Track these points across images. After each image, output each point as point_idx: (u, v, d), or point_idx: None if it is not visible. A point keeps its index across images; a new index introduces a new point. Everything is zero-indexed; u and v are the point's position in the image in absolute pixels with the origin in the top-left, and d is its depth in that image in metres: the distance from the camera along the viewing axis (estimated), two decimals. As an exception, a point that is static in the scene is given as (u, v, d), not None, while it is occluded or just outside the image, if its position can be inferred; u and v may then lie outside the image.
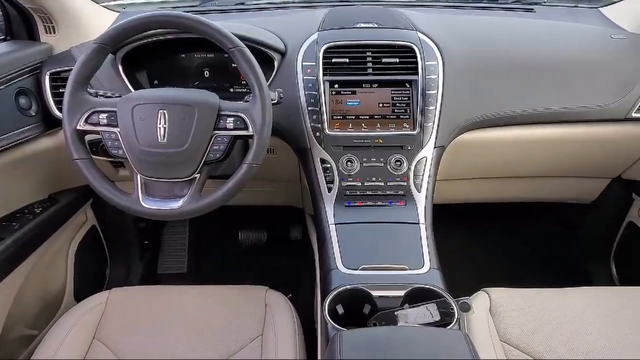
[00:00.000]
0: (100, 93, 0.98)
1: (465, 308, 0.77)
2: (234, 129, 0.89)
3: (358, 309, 0.83)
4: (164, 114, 0.88)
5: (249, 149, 0.89)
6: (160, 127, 0.88)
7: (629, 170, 1.32)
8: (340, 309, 0.82)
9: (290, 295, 1.56)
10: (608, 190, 1.43)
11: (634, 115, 1.13)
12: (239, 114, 0.89)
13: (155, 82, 1.21)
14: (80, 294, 1.40)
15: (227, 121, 0.89)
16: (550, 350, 0.89)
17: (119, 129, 0.90)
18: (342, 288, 0.83)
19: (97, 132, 0.92)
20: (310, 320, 1.09)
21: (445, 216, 1.43)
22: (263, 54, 1.10)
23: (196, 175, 0.91)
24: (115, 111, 0.90)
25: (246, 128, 0.89)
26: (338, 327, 0.75)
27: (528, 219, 1.73)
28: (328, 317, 0.77)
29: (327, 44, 1.09)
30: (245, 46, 0.88)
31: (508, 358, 0.88)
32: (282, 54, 1.12)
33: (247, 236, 1.77)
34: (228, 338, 0.95)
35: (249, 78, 0.88)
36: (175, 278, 1.73)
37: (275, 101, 0.95)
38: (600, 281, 1.54)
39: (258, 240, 1.77)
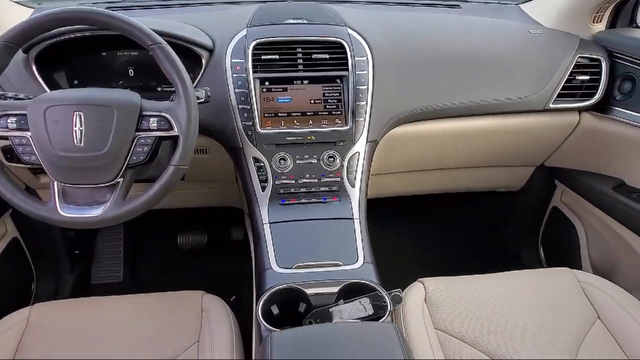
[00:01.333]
0: (10, 95, 0.91)
1: (397, 300, 0.79)
2: (158, 129, 0.85)
3: (294, 308, 0.82)
4: (79, 115, 0.83)
5: (175, 149, 0.86)
6: (76, 130, 0.83)
7: (550, 158, 1.40)
8: (275, 310, 0.81)
9: (234, 297, 1.53)
10: (533, 178, 1.51)
11: (552, 106, 1.20)
12: (163, 113, 0.85)
13: (75, 82, 1.14)
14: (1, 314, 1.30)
15: (150, 121, 0.85)
16: (481, 333, 0.92)
17: (30, 134, 0.84)
18: (276, 288, 0.82)
19: (6, 138, 0.85)
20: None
21: (381, 210, 1.46)
22: (189, 52, 1.06)
23: (119, 180, 0.86)
24: (25, 114, 0.84)
25: (171, 128, 0.85)
26: (271, 327, 0.74)
27: (461, 209, 1.79)
28: (261, 318, 0.76)
29: (256, 40, 1.07)
30: (166, 43, 0.85)
31: (443, 345, 0.91)
32: (210, 51, 1.09)
33: (187, 240, 1.72)
34: (161, 347, 0.91)
35: (171, 76, 0.84)
36: (111, 288, 1.65)
37: (203, 100, 0.92)
38: (530, 264, 1.63)
39: (198, 243, 1.72)
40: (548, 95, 1.19)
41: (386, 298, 0.79)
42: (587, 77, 1.20)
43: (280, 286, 0.82)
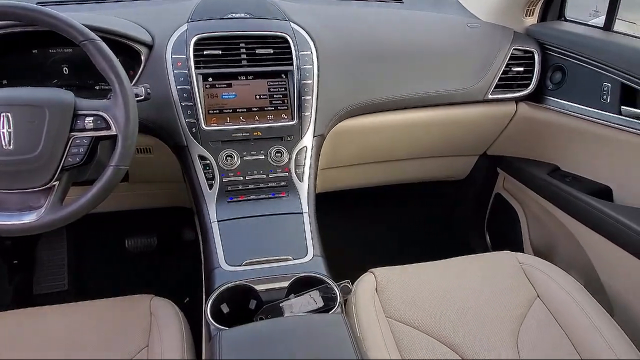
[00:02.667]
0: None
1: (346, 291, 0.80)
2: (94, 129, 0.81)
3: (244, 305, 0.81)
4: (7, 117, 0.78)
5: (115, 149, 0.83)
6: (3, 132, 0.78)
7: (491, 147, 1.46)
8: (225, 308, 0.80)
9: (187, 299, 1.50)
10: (477, 167, 1.57)
11: (490, 96, 1.25)
12: (99, 112, 0.82)
13: (5, 82, 1.08)
14: None
15: (86, 121, 0.81)
16: (430, 318, 0.95)
17: None
18: (225, 286, 0.81)
19: None
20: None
21: (331, 203, 1.47)
22: (127, 48, 1.03)
23: (54, 183, 0.82)
24: None
25: (108, 127, 0.82)
26: (220, 326, 0.73)
27: (410, 199, 1.83)
28: (209, 318, 0.75)
29: (198, 36, 1.05)
30: (98, 38, 0.81)
31: (394, 332, 0.93)
32: (149, 47, 1.06)
33: (135, 243, 1.66)
34: (109, 355, 0.88)
35: (106, 73, 0.81)
36: (56, 297, 1.57)
37: (142, 97, 0.89)
38: (478, 249, 1.70)
39: (148, 246, 1.67)
40: (486, 86, 1.24)
41: (335, 290, 0.80)
42: (522, 69, 1.25)
43: (230, 284, 0.81)
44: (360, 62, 1.18)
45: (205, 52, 1.04)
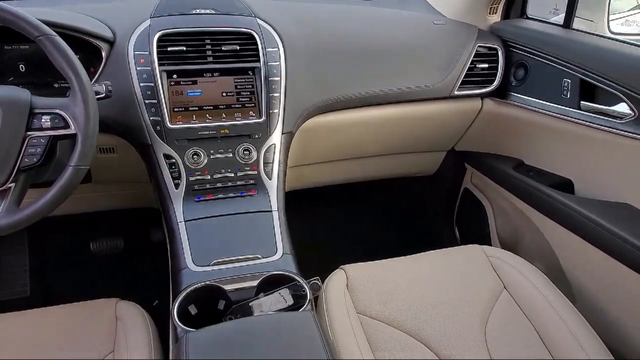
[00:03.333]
0: None
1: (316, 288, 0.79)
2: (52, 128, 0.78)
3: (213, 306, 0.80)
4: None
5: (74, 149, 0.80)
6: None
7: (459, 142, 1.49)
8: (192, 309, 0.78)
9: (157, 302, 1.47)
10: (445, 162, 1.59)
11: (457, 93, 1.27)
12: (57, 110, 0.79)
13: (-44, 80, 1.03)
14: None
15: (43, 120, 0.78)
16: (401, 313, 0.96)
17: None
18: (192, 287, 0.79)
19: None
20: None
21: (302, 201, 1.46)
22: (87, 44, 1.00)
23: (10, 185, 0.78)
24: None
25: (67, 126, 0.79)
26: (186, 328, 0.72)
27: (380, 195, 1.85)
28: (176, 320, 0.73)
29: (161, 32, 1.02)
30: (55, 34, 0.78)
31: (365, 328, 0.93)
32: (110, 43, 1.02)
33: (101, 246, 1.61)
34: (73, 361, 0.85)
35: (64, 70, 0.78)
36: (17, 304, 1.50)
37: (103, 95, 0.87)
38: (448, 243, 1.72)
39: (114, 248, 1.63)
40: (452, 82, 1.26)
41: (305, 287, 0.79)
42: (487, 65, 1.28)
43: (197, 285, 0.80)
44: (328, 59, 1.18)
45: (169, 49, 1.02)
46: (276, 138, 1.05)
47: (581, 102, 1.10)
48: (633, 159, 1.01)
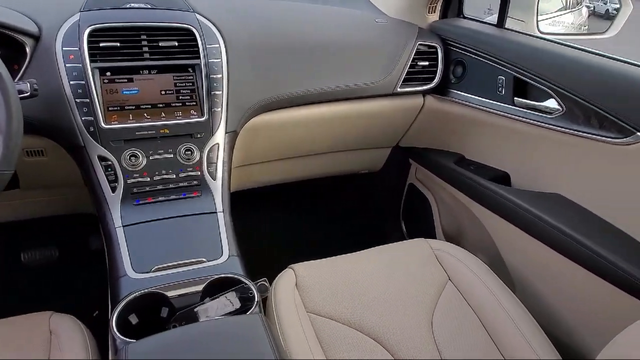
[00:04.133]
0: None
1: (263, 289, 0.78)
2: None
3: (156, 314, 0.77)
4: None
5: None
6: None
7: (403, 138, 1.52)
8: (133, 319, 0.74)
9: (97, 312, 1.39)
10: (391, 159, 1.62)
11: (399, 90, 1.29)
12: None
13: None
14: None
15: None
16: (350, 309, 0.96)
17: None
18: (132, 296, 0.75)
19: None
20: None
21: (249, 201, 1.44)
22: (9, 39, 0.92)
23: None
24: None
25: (-14, 128, 0.73)
26: (126, 339, 0.68)
27: (328, 193, 1.86)
28: (115, 331, 0.69)
29: (92, 26, 0.96)
30: None
31: (315, 327, 0.93)
32: (36, 38, 0.95)
33: (33, 256, 1.50)
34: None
35: None
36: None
37: (28, 94, 0.81)
38: (395, 238, 1.75)
39: (48, 258, 1.52)
40: (395, 80, 1.28)
41: (253, 289, 0.78)
42: (427, 63, 1.31)
43: (137, 293, 0.76)
44: (272, 56, 1.16)
45: (101, 45, 0.96)
46: (219, 137, 1.02)
47: (515, 98, 1.15)
48: (562, 152, 1.07)
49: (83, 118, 0.92)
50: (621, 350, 0.60)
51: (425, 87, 1.32)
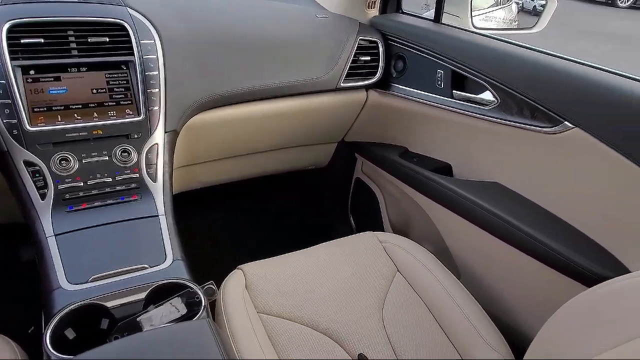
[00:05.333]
0: None
1: (210, 293, 0.75)
2: None
3: (96, 326, 0.72)
4: None
5: None
6: None
7: (348, 133, 1.53)
8: (70, 333, 0.70)
9: (33, 328, 1.30)
10: (337, 154, 1.63)
11: (342, 85, 1.29)
12: None
13: None
14: None
15: None
16: (302, 307, 0.96)
17: None
18: (67, 309, 0.70)
19: None
20: None
21: (194, 202, 1.40)
22: None
23: None
24: None
25: None
26: (62, 356, 0.63)
27: (277, 191, 1.84)
28: (49, 347, 0.64)
29: (12, 21, 0.89)
30: None
31: (266, 327, 0.91)
32: (-55, 35, 0.87)
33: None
34: None
35: None
36: None
37: None
38: (345, 233, 1.76)
39: (-25, 273, 1.41)
40: (338, 75, 1.28)
41: (199, 293, 0.75)
42: (369, 58, 1.32)
43: (73, 305, 0.71)
44: (211, 52, 1.13)
45: (23, 41, 0.89)
46: (158, 137, 0.97)
47: (453, 91, 1.19)
48: (498, 142, 1.12)
49: (5, 121, 0.85)
50: (558, 327, 0.63)
51: (367, 82, 1.34)
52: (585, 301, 0.61)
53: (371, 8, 1.41)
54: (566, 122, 0.94)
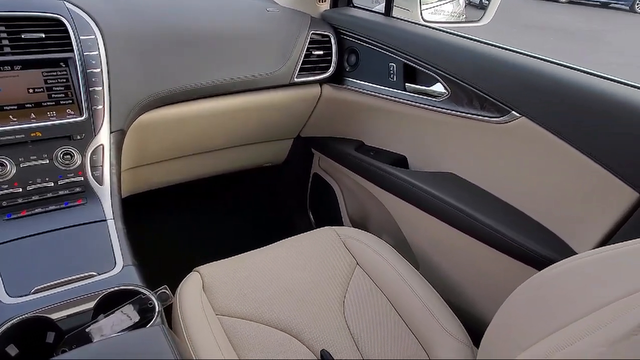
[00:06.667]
0: None
1: (164, 297, 0.72)
2: None
3: (41, 340, 0.68)
4: None
5: None
6: None
7: (304, 129, 1.52)
8: (12, 350, 0.65)
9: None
10: (293, 150, 1.61)
11: (296, 80, 1.28)
12: None
13: None
14: None
15: None
16: (262, 306, 0.94)
17: None
18: (8, 324, 0.66)
19: None
20: None
21: (148, 204, 1.35)
22: None
23: None
24: None
25: None
26: (2, 376, 0.59)
27: (234, 189, 1.81)
28: (-12, 369, 0.60)
29: None
30: None
31: (226, 329, 0.89)
32: None
33: None
34: None
35: None
36: None
37: None
38: (304, 229, 1.76)
39: None
40: (291, 70, 1.26)
41: (152, 299, 0.72)
42: (322, 52, 1.31)
43: (15, 320, 0.66)
44: (158, 48, 1.08)
45: None
46: (104, 138, 0.93)
47: (406, 83, 1.20)
48: (451, 133, 1.14)
49: None
50: (511, 311, 0.65)
51: (321, 77, 1.33)
52: (535, 284, 0.62)
53: (322, 2, 1.40)
54: (513, 112, 0.96)
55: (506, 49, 1.05)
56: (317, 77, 1.32)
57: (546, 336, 0.52)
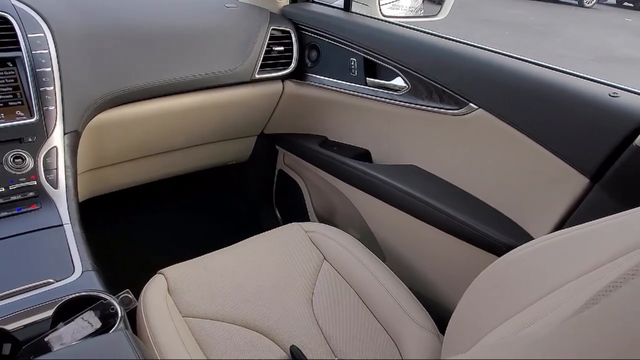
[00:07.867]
0: None
1: (127, 302, 0.70)
2: None
3: (-3, 353, 0.65)
4: None
5: None
6: None
7: (267, 126, 1.51)
8: (-36, 366, 0.62)
9: None
10: (257, 147, 1.60)
11: (257, 76, 1.27)
12: None
13: None
14: None
15: None
16: (231, 306, 0.93)
17: None
18: (-41, 338, 0.62)
19: None
20: None
21: (108, 207, 1.31)
22: None
23: None
24: None
25: None
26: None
27: (198, 189, 1.78)
28: (-63, 386, 0.57)
29: None
30: None
31: (193, 331, 0.88)
32: None
33: None
34: None
35: None
36: None
37: None
38: (271, 227, 1.75)
39: None
40: (252, 66, 1.25)
41: (114, 304, 0.70)
42: (282, 48, 1.31)
43: (-34, 333, 0.63)
44: (110, 45, 1.05)
45: None
46: (57, 140, 0.89)
47: (367, 78, 1.21)
48: (412, 126, 1.16)
49: None
50: (474, 297, 0.67)
51: (283, 73, 1.32)
52: (495, 271, 0.64)
53: (281, -3, 1.40)
54: (471, 104, 0.99)
55: (463, 43, 1.07)
56: (279, 74, 1.32)
57: (506, 319, 0.54)
